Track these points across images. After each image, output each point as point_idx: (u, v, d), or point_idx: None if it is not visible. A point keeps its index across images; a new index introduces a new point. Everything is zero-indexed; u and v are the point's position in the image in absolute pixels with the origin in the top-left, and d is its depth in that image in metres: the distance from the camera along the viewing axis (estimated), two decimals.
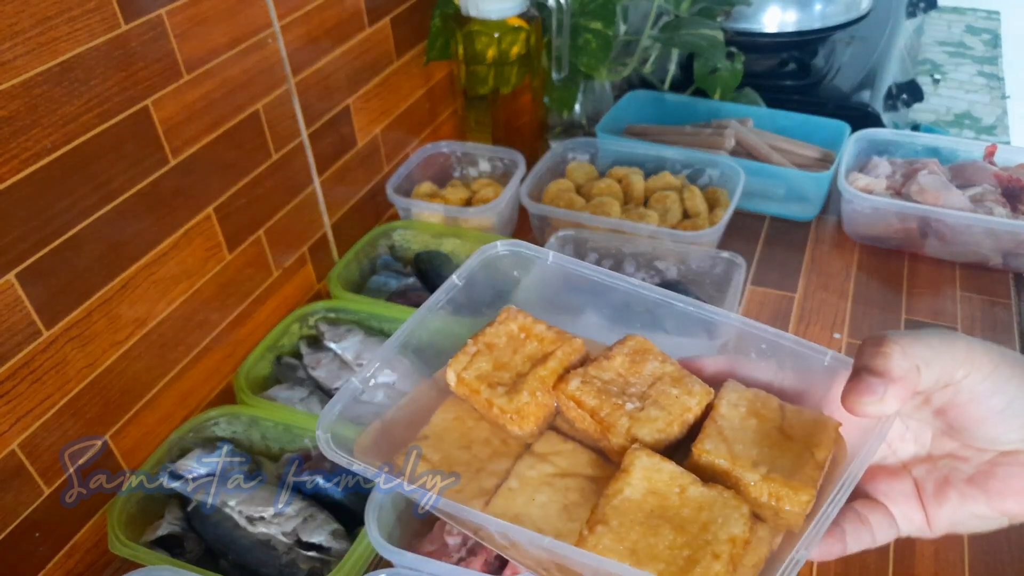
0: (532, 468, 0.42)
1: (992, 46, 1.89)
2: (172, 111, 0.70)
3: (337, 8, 0.89)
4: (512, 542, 0.41)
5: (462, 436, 0.45)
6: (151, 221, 0.71)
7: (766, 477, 0.39)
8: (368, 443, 0.45)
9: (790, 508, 0.39)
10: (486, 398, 0.44)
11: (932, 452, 0.43)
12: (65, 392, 0.65)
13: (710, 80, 1.18)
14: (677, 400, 0.43)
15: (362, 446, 0.45)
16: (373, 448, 0.45)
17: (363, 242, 1.00)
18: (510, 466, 0.43)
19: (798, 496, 0.39)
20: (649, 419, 0.42)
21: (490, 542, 0.43)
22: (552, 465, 0.43)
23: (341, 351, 0.84)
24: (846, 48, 1.37)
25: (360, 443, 0.45)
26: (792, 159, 1.10)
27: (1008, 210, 0.97)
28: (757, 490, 0.39)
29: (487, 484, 0.43)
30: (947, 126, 1.59)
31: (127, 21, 0.64)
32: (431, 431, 0.46)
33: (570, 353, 0.46)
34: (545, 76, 1.14)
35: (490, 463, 0.44)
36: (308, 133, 0.89)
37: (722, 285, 0.91)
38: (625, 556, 0.37)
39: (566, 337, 0.47)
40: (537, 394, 0.43)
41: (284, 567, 0.66)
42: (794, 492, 0.39)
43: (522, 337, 0.47)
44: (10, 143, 0.57)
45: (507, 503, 0.41)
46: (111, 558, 0.70)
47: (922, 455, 0.43)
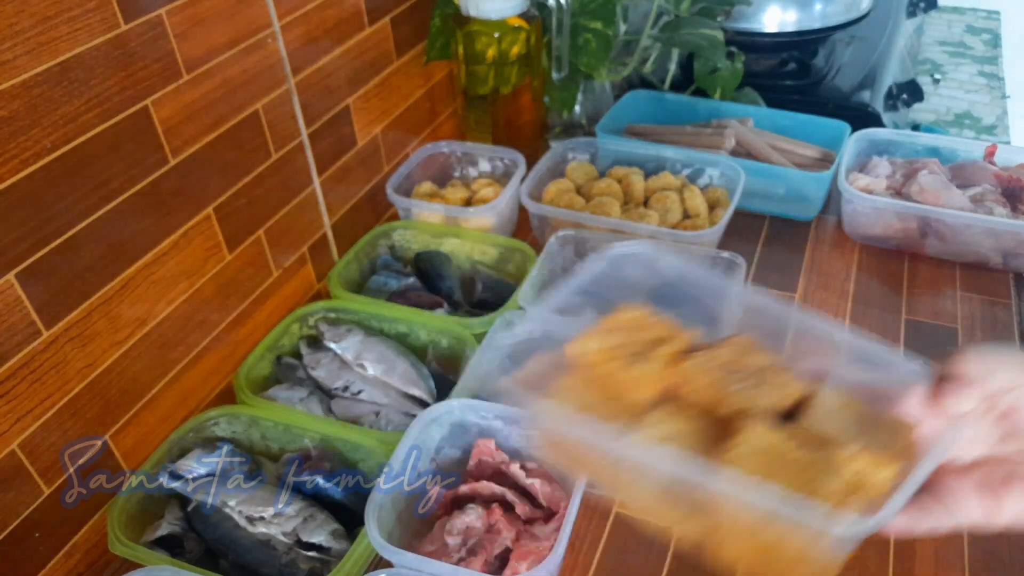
0: (642, 433, 0.46)
1: (992, 46, 1.89)
2: (172, 111, 0.70)
3: (337, 8, 0.89)
4: (636, 477, 0.47)
5: (581, 407, 0.49)
6: (151, 221, 0.71)
7: (862, 449, 0.43)
8: (520, 381, 0.52)
9: (881, 476, 0.42)
10: (608, 370, 0.49)
11: (996, 454, 0.46)
12: (65, 392, 0.65)
13: (710, 80, 1.18)
14: (780, 385, 0.48)
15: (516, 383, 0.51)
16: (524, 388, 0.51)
17: (363, 242, 1.00)
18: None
19: (888, 468, 0.42)
20: (756, 396, 0.47)
21: (608, 485, 0.50)
22: (662, 433, 0.46)
23: (341, 351, 0.84)
24: (846, 48, 1.37)
25: (515, 379, 0.52)
26: (792, 159, 1.10)
27: (1008, 210, 0.97)
28: (853, 460, 0.43)
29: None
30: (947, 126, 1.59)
31: (127, 21, 0.64)
32: (559, 391, 0.51)
33: (685, 339, 0.51)
34: (545, 76, 1.14)
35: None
36: (308, 133, 0.89)
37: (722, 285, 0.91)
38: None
39: (680, 327, 0.53)
40: (654, 366, 0.49)
41: (284, 567, 0.66)
42: (884, 464, 0.43)
43: (640, 325, 0.53)
44: (10, 143, 0.57)
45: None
46: (111, 558, 0.70)
47: (986, 456, 0.47)
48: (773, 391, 0.47)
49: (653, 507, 0.47)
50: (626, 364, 0.49)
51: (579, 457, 0.50)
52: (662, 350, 0.50)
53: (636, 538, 0.71)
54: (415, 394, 0.81)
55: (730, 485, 0.42)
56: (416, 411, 0.78)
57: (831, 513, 0.40)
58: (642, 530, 0.72)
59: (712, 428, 0.47)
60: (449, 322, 0.87)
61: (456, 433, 0.73)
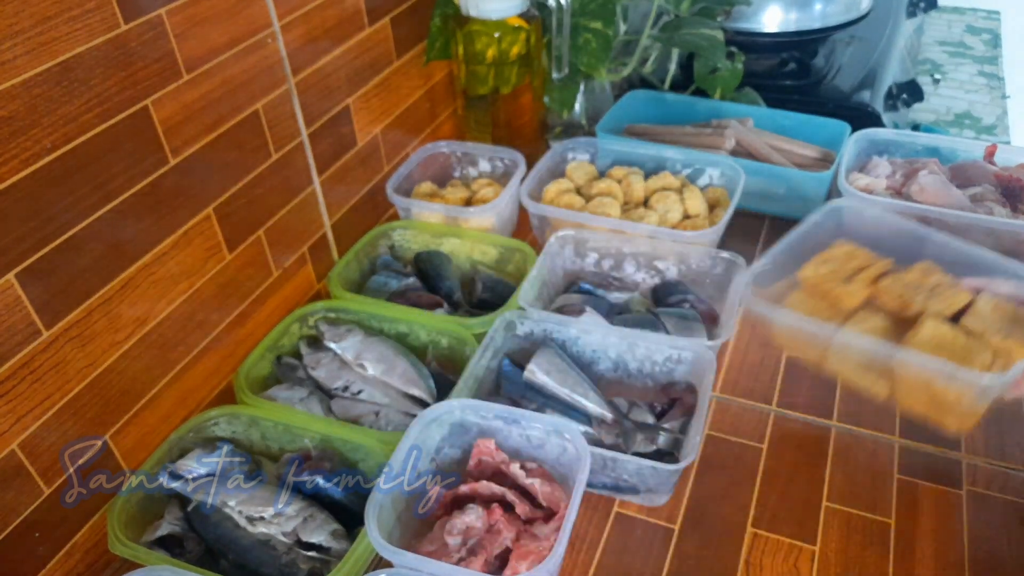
0: (852, 327, 0.72)
1: (992, 46, 1.89)
2: (172, 111, 0.70)
3: (337, 8, 0.89)
4: (846, 357, 0.72)
5: (808, 313, 0.75)
6: (151, 221, 0.71)
7: (1005, 337, 0.68)
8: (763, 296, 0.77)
9: (1016, 355, 0.66)
10: (827, 287, 0.75)
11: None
12: (65, 392, 0.65)
13: (710, 80, 1.18)
14: (951, 296, 0.72)
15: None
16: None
17: (363, 242, 1.00)
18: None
19: (1020, 351, 0.66)
20: (931, 303, 0.72)
21: (823, 364, 0.74)
22: (865, 328, 0.72)
23: (341, 351, 0.84)
24: (846, 48, 1.37)
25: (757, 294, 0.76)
26: (792, 159, 1.10)
27: (1008, 210, 0.97)
28: (996, 344, 0.67)
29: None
30: (947, 126, 1.59)
31: (127, 21, 0.64)
32: (791, 303, 0.77)
33: (881, 266, 0.77)
34: (545, 76, 1.14)
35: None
36: (308, 133, 0.89)
37: (723, 285, 0.91)
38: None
39: (880, 258, 0.78)
40: (859, 284, 0.74)
41: (284, 567, 0.66)
42: (1020, 347, 0.67)
43: (850, 257, 0.78)
44: (9, 143, 0.57)
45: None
46: (111, 558, 0.70)
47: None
48: (944, 300, 0.72)
49: (855, 376, 0.72)
50: (840, 283, 0.75)
51: (805, 343, 0.76)
52: (865, 273, 0.76)
53: (636, 538, 0.71)
54: (415, 394, 0.81)
55: (913, 356, 0.67)
56: (416, 411, 0.78)
57: (978, 375, 0.65)
58: (642, 529, 0.72)
59: (899, 326, 0.71)
60: (449, 322, 0.87)
61: (456, 433, 0.73)
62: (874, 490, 0.74)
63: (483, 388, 0.80)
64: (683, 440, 0.73)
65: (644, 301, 0.93)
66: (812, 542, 0.70)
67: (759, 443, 0.79)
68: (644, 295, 0.94)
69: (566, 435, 0.69)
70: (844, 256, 0.78)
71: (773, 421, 0.82)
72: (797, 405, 0.83)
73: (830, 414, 0.82)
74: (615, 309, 0.90)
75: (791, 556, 0.69)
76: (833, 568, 0.68)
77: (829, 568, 0.68)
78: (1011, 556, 0.69)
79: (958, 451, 0.78)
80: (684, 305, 0.89)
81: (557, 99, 1.16)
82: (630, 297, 0.92)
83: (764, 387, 0.85)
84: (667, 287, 0.93)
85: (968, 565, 0.68)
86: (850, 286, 0.74)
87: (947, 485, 0.75)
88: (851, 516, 0.72)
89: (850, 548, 0.70)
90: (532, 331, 0.84)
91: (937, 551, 0.69)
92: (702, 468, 0.77)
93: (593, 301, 0.89)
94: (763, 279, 0.79)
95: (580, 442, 0.67)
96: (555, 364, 0.78)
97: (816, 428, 0.81)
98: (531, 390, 0.78)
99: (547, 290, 0.94)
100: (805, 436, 0.80)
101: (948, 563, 0.68)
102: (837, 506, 0.73)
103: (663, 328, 0.84)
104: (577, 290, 0.92)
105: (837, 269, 0.77)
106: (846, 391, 0.84)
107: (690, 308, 0.88)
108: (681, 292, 0.91)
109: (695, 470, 0.77)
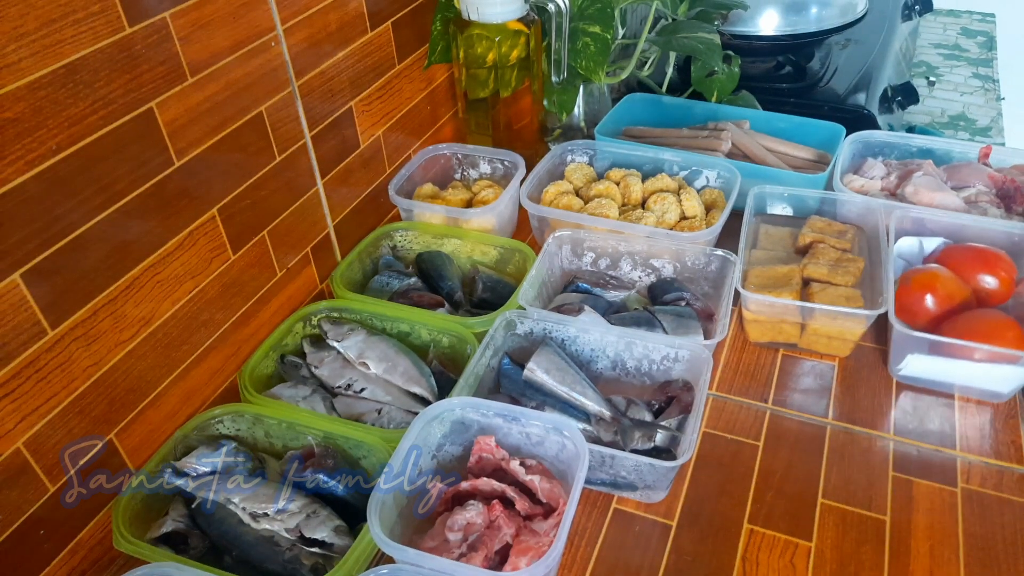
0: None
1: (987, 48, 1.90)
2: (176, 113, 0.71)
3: (339, 12, 0.90)
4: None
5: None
6: (156, 222, 0.71)
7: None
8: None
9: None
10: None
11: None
12: (70, 391, 0.66)
13: (707, 83, 1.19)
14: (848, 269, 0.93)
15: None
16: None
17: (365, 243, 1.01)
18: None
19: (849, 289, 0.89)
20: (834, 275, 0.91)
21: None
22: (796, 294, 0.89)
23: (344, 350, 0.84)
24: (842, 51, 1.38)
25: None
26: (788, 161, 1.11)
27: (1002, 211, 0.98)
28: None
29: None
30: (942, 128, 1.60)
31: (131, 24, 0.65)
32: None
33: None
34: (544, 79, 1.15)
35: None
36: (311, 135, 0.90)
37: (717, 282, 0.92)
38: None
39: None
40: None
41: (287, 563, 0.67)
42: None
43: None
44: (15, 144, 0.58)
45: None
46: (116, 555, 0.71)
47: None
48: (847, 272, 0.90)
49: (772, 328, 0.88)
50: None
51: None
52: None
53: (634, 533, 0.72)
54: (417, 392, 0.82)
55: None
56: (418, 409, 0.79)
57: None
58: (640, 525, 0.73)
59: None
60: (450, 321, 0.88)
61: (457, 431, 0.74)
62: (869, 487, 0.75)
63: (483, 386, 0.81)
64: (680, 437, 0.74)
65: (641, 299, 0.94)
66: (808, 538, 0.71)
67: (755, 440, 0.80)
68: (641, 293, 0.95)
69: (565, 432, 0.70)
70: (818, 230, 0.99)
71: (769, 418, 0.82)
72: (792, 403, 0.84)
73: (825, 412, 0.83)
74: (613, 307, 0.91)
75: (787, 552, 0.70)
76: (829, 564, 0.69)
77: (825, 564, 0.69)
78: (1004, 552, 0.69)
79: (953, 448, 0.79)
80: (680, 303, 0.90)
81: (556, 102, 1.17)
82: (627, 295, 0.93)
83: (760, 385, 0.86)
84: (663, 285, 0.94)
85: (963, 562, 0.69)
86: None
87: (942, 482, 0.75)
88: (847, 513, 0.73)
89: (846, 544, 0.70)
90: (532, 330, 0.85)
91: (932, 548, 0.70)
92: (699, 465, 0.78)
93: (591, 300, 0.90)
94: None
95: (579, 439, 0.68)
96: (554, 363, 0.79)
97: (811, 426, 0.82)
98: (531, 388, 0.79)
99: (546, 289, 0.95)
100: (801, 433, 0.81)
101: (943, 560, 0.69)
102: (833, 503, 0.74)
103: (660, 325, 0.85)
104: (575, 289, 0.93)
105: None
106: (842, 389, 0.84)
107: (686, 306, 0.89)
108: (677, 290, 0.91)
109: (692, 467, 0.78)
